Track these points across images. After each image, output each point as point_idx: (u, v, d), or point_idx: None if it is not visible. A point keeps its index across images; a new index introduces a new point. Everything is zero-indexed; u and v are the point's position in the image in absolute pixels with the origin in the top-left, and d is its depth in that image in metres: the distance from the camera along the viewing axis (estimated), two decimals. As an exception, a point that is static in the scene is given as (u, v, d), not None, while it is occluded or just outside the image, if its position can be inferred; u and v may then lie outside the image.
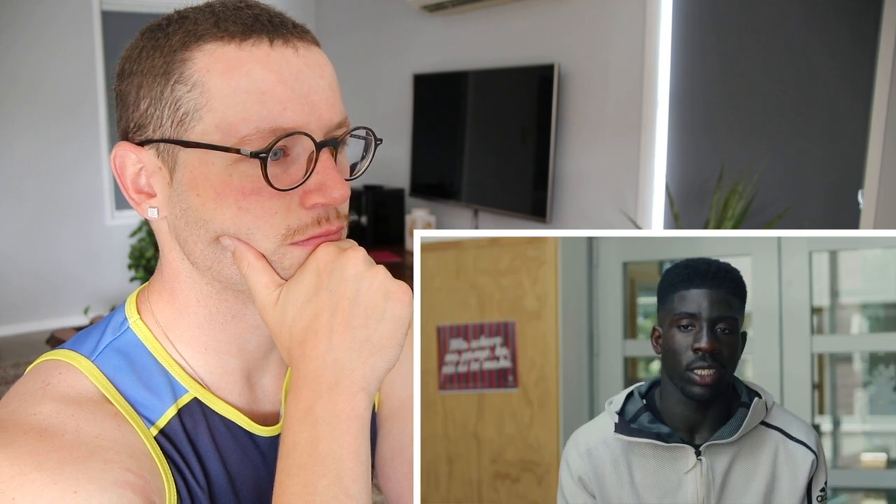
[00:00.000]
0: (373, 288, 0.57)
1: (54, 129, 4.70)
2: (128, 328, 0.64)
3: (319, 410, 0.54)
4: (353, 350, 0.56)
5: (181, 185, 0.58)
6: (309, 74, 0.58)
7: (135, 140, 0.60)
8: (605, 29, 3.14)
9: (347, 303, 0.57)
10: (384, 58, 4.56)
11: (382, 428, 0.80)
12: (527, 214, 3.44)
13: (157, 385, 0.62)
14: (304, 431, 0.54)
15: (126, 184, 0.61)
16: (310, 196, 0.58)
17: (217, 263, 0.61)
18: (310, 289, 0.58)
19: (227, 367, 0.66)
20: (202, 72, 0.56)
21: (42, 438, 0.53)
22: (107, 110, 4.87)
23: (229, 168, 0.56)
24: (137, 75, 0.59)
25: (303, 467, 0.53)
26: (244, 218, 0.57)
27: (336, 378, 0.55)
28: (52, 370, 0.60)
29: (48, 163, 4.72)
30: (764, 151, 2.66)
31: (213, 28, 0.57)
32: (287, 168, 0.58)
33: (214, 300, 0.64)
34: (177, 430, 0.62)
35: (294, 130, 0.56)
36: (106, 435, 0.56)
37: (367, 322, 0.57)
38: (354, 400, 0.55)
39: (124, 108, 0.60)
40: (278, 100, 0.56)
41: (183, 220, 0.60)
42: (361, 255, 0.58)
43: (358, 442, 0.55)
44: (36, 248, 4.76)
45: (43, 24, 4.59)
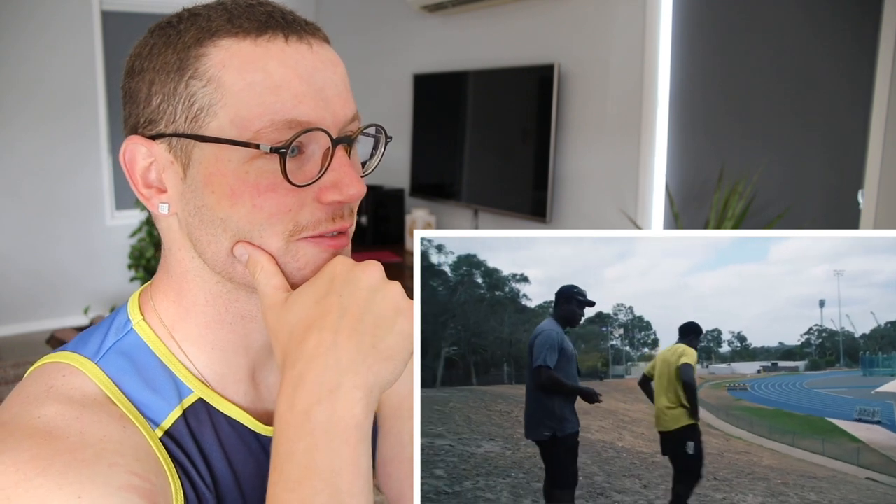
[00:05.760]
0: (386, 300, 0.56)
1: (54, 129, 4.70)
2: (131, 329, 0.64)
3: (318, 416, 0.52)
4: (360, 353, 0.54)
5: (195, 181, 0.58)
6: (323, 70, 0.58)
7: (145, 135, 0.59)
8: (605, 29, 3.14)
9: (358, 309, 0.55)
10: (384, 58, 4.56)
11: (383, 427, 0.80)
12: (527, 214, 3.44)
13: (162, 386, 0.62)
14: (301, 440, 0.52)
15: (135, 178, 0.60)
16: (326, 193, 0.58)
17: (229, 271, 0.61)
18: (321, 292, 0.57)
19: (233, 367, 0.65)
20: (218, 67, 0.56)
21: (46, 442, 0.53)
22: (107, 110, 4.87)
23: (245, 165, 0.56)
24: (149, 72, 0.58)
25: (299, 482, 0.51)
26: (257, 215, 0.57)
27: (338, 380, 0.53)
28: (56, 372, 0.60)
29: (48, 163, 4.72)
30: (764, 151, 2.66)
31: (228, 24, 0.57)
32: (302, 165, 0.58)
33: (224, 300, 0.63)
34: (182, 432, 0.62)
35: (311, 126, 0.56)
36: (111, 437, 0.56)
37: (375, 331, 0.55)
38: (355, 407, 0.52)
39: (134, 104, 0.60)
40: (293, 93, 0.56)
41: (197, 217, 0.59)
42: (378, 270, 0.58)
43: (357, 453, 0.52)
44: (36, 248, 4.76)
45: (43, 24, 4.60)
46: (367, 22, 4.69)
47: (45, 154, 4.71)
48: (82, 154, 4.84)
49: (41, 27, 4.59)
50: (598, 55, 3.18)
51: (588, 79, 3.24)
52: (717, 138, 2.84)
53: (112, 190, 4.97)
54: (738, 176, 2.67)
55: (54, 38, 4.64)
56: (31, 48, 4.58)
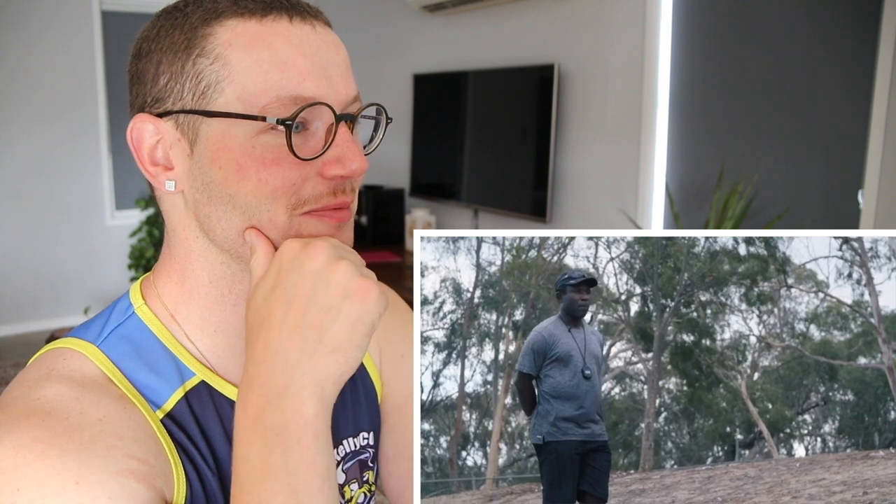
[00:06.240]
0: (330, 286, 0.54)
1: (54, 129, 4.70)
2: (133, 313, 0.65)
3: (268, 419, 0.52)
4: (304, 351, 0.53)
5: (203, 158, 0.59)
6: (326, 50, 0.60)
7: (153, 113, 0.60)
8: (605, 29, 3.15)
9: (302, 301, 0.54)
10: (384, 58, 4.56)
11: (386, 423, 0.80)
12: (527, 214, 3.44)
13: (164, 369, 0.63)
14: (255, 443, 0.52)
15: (142, 156, 0.61)
16: (329, 167, 0.59)
17: (238, 250, 0.61)
18: (268, 286, 0.56)
19: (236, 349, 0.66)
20: (224, 45, 0.57)
21: (45, 424, 0.53)
22: (107, 110, 4.87)
23: (252, 140, 0.57)
24: (156, 52, 0.59)
25: (256, 483, 0.51)
26: (263, 189, 0.57)
27: (285, 382, 0.53)
28: (57, 356, 0.61)
29: (48, 163, 4.72)
30: (764, 151, 2.66)
31: (233, 6, 0.58)
32: (307, 140, 0.59)
33: (228, 281, 0.64)
34: (184, 413, 0.62)
35: (315, 100, 0.57)
36: (110, 417, 0.56)
37: (320, 322, 0.54)
38: (303, 407, 0.52)
39: (141, 85, 0.60)
40: (299, 70, 0.57)
41: (205, 194, 0.60)
42: (325, 250, 0.55)
43: (312, 452, 0.52)
44: (36, 248, 4.76)
45: (43, 24, 4.60)
46: (367, 22, 4.69)
47: (45, 154, 4.71)
48: (82, 154, 4.83)
49: (41, 27, 4.59)
50: (598, 55, 3.18)
51: (588, 79, 3.24)
52: (717, 138, 2.84)
53: (112, 190, 4.97)
54: (738, 176, 2.67)
55: (54, 38, 4.64)
56: (31, 48, 4.58)
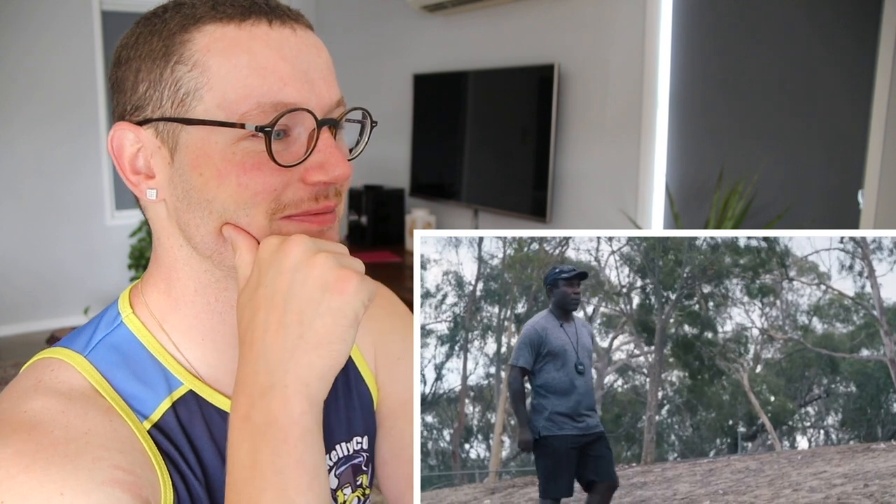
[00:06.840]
0: (308, 280, 0.53)
1: (54, 129, 4.70)
2: (121, 323, 0.64)
3: (255, 418, 0.53)
4: (286, 350, 0.53)
5: (183, 165, 0.58)
6: (307, 53, 0.59)
7: (133, 121, 0.59)
8: (605, 29, 3.14)
9: (282, 298, 0.54)
10: (384, 58, 4.56)
11: (382, 427, 0.80)
12: (527, 214, 3.44)
13: (152, 379, 0.62)
14: (244, 442, 0.53)
15: (123, 164, 0.61)
16: (311, 173, 0.58)
17: (218, 254, 0.60)
18: (252, 286, 0.56)
19: (224, 358, 0.65)
20: (203, 52, 0.57)
21: (30, 437, 0.53)
22: (107, 111, 4.87)
23: (232, 146, 0.56)
24: (135, 60, 0.59)
25: (245, 482, 0.52)
26: (243, 194, 0.57)
27: (269, 381, 0.53)
28: (45, 367, 0.61)
29: (48, 163, 4.72)
30: (764, 152, 2.66)
31: (212, 11, 0.58)
32: (289, 146, 0.58)
33: (214, 289, 0.63)
34: (171, 423, 0.62)
35: (296, 106, 0.56)
36: (96, 430, 0.56)
37: (301, 318, 0.53)
38: (289, 404, 0.52)
39: (121, 93, 0.60)
40: (279, 76, 0.57)
41: (185, 201, 0.59)
42: (301, 244, 0.55)
43: (300, 450, 0.52)
44: (36, 248, 4.76)
45: (43, 23, 4.59)
46: (367, 22, 4.69)
47: (45, 154, 4.71)
48: (82, 154, 4.83)
49: (41, 27, 4.59)
50: (598, 55, 3.18)
51: (588, 79, 3.23)
52: (717, 138, 2.84)
53: (112, 190, 4.97)
54: (738, 176, 2.67)
55: (54, 37, 4.63)
56: (31, 48, 4.58)
